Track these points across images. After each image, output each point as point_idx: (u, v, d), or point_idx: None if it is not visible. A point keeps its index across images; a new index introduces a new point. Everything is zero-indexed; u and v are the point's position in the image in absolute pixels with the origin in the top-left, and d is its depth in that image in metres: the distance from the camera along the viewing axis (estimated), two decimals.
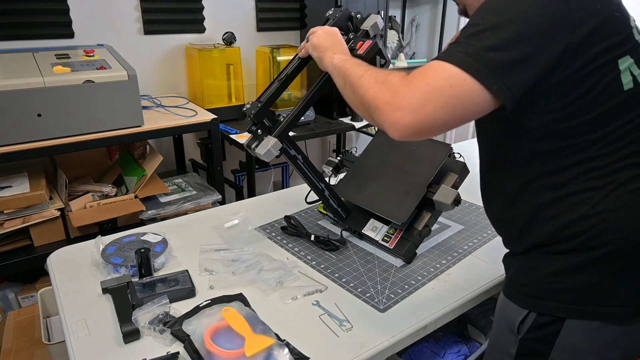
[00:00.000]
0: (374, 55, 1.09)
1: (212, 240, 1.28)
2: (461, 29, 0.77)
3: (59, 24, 2.07)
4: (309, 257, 1.21)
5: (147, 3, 2.26)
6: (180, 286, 1.05)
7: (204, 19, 2.45)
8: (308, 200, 1.43)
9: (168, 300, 0.98)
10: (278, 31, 2.76)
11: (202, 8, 2.43)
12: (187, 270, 1.11)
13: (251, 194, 2.32)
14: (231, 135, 2.24)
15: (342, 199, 1.32)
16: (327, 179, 1.36)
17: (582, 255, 0.79)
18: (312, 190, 1.26)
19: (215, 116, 2.05)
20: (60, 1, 2.04)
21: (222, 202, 2.08)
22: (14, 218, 1.66)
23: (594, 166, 0.78)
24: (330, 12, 1.18)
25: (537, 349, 0.85)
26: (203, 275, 1.12)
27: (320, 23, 1.15)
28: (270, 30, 2.72)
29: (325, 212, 1.40)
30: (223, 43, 2.40)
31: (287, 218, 1.35)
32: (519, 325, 0.86)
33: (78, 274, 1.13)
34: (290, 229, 1.32)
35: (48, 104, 1.61)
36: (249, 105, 1.14)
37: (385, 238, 1.23)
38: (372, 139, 1.44)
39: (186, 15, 2.40)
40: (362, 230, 1.27)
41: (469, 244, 1.30)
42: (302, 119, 2.26)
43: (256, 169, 2.43)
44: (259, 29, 2.68)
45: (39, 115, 1.61)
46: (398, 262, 1.20)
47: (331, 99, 2.60)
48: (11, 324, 1.53)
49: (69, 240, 1.81)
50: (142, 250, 1.09)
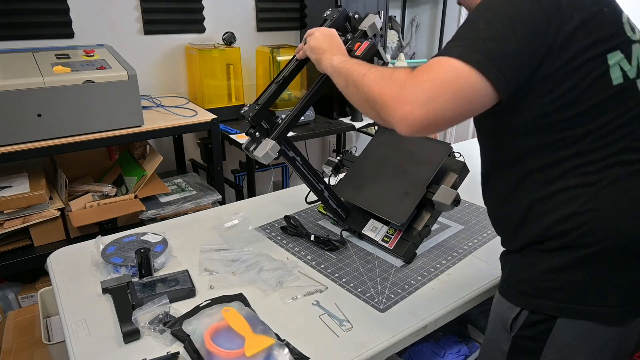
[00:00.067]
0: (372, 57, 1.09)
1: (212, 240, 1.28)
2: (459, 27, 0.79)
3: (59, 24, 2.07)
4: (309, 257, 1.21)
5: (147, 3, 2.26)
6: (180, 286, 1.05)
7: (204, 19, 2.45)
8: (308, 200, 1.43)
9: (168, 300, 0.98)
10: (278, 31, 2.76)
11: (202, 8, 2.43)
12: (187, 270, 1.11)
13: (251, 194, 2.32)
14: (231, 135, 2.24)
15: (342, 199, 1.32)
16: (327, 179, 1.36)
17: (573, 253, 0.79)
18: (312, 192, 1.26)
19: (215, 116, 2.05)
20: (60, 1, 2.04)
21: (222, 202, 2.08)
22: (14, 218, 1.66)
23: (584, 161, 0.78)
24: (328, 13, 1.17)
25: (530, 347, 0.85)
26: (203, 275, 1.12)
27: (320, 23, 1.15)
28: (270, 30, 2.72)
29: (325, 212, 1.40)
30: (223, 43, 2.40)
31: (287, 218, 1.35)
32: (511, 323, 0.86)
33: (78, 274, 1.13)
34: (290, 229, 1.32)
35: (48, 104, 1.62)
36: (246, 108, 1.13)
37: (385, 238, 1.23)
38: (372, 139, 1.44)
39: (186, 15, 2.40)
40: (362, 231, 1.27)
41: (468, 244, 1.30)
42: (302, 118, 2.26)
43: (256, 169, 2.44)
44: (259, 29, 2.68)
45: (39, 115, 1.61)
46: (398, 262, 1.20)
47: (331, 99, 2.59)
48: (11, 324, 1.53)
49: (69, 240, 1.81)
50: (142, 250, 1.09)
